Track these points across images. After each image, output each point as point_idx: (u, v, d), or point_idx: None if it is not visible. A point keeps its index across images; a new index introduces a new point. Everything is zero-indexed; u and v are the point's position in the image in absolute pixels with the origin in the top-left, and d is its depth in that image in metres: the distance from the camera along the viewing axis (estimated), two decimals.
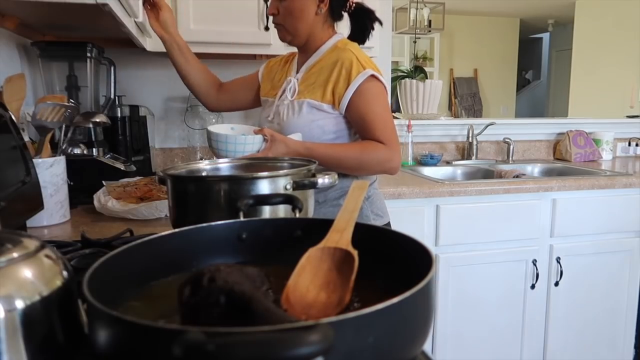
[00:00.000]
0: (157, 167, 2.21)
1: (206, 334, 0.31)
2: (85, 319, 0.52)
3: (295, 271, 0.52)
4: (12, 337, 0.41)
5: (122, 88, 2.03)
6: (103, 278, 0.48)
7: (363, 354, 0.37)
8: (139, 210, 1.32)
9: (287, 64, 1.50)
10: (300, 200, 0.75)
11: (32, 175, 1.15)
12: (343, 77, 1.29)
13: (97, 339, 0.39)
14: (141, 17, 1.48)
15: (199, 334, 0.31)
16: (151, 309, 0.52)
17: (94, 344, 0.40)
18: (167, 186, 0.92)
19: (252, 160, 1.12)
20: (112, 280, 0.51)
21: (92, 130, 1.73)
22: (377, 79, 1.31)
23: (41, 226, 1.28)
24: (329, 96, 1.31)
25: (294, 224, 0.66)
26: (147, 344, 0.36)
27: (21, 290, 0.43)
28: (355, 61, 1.29)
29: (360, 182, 0.68)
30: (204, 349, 0.29)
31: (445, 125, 2.71)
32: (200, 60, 2.26)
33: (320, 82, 1.33)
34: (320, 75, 1.34)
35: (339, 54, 1.32)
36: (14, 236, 0.48)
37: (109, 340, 0.38)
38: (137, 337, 0.36)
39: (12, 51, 1.65)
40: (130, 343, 0.37)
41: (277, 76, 1.50)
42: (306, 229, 0.64)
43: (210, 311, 0.43)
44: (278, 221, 0.70)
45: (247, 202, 0.78)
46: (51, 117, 1.29)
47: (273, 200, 0.82)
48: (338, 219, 0.59)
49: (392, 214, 1.52)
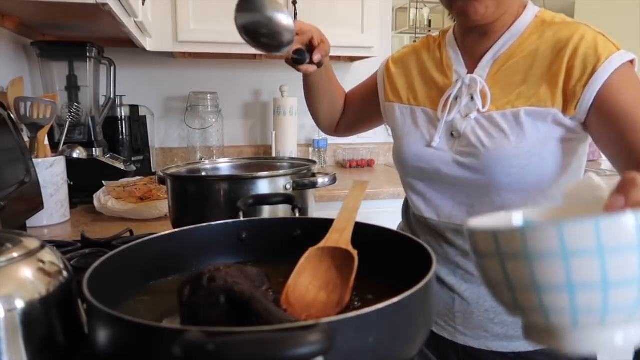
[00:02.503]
0: (157, 167, 2.21)
1: (206, 333, 0.31)
2: (85, 318, 0.52)
3: (295, 271, 0.52)
4: (12, 336, 0.41)
5: (122, 88, 2.03)
6: (103, 278, 0.48)
7: (363, 354, 0.37)
8: (139, 210, 1.32)
9: (429, 56, 0.97)
10: (299, 200, 0.75)
11: (32, 175, 1.15)
12: (580, 64, 0.78)
13: (98, 339, 0.39)
14: (141, 17, 1.48)
15: (198, 334, 0.31)
16: (152, 309, 0.52)
17: (94, 344, 0.40)
18: (167, 186, 0.92)
19: (252, 160, 1.12)
20: (112, 280, 0.51)
21: (92, 130, 1.73)
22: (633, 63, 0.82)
23: (41, 226, 1.28)
24: (559, 97, 0.80)
25: (293, 223, 0.67)
26: (147, 344, 0.36)
27: (21, 290, 0.43)
28: (602, 39, 0.80)
29: (360, 182, 0.68)
30: (204, 349, 0.29)
31: None
32: (200, 60, 2.27)
33: (536, 76, 0.82)
34: (532, 66, 0.83)
35: (558, 32, 0.82)
36: (14, 236, 0.48)
37: (109, 340, 0.38)
38: (137, 337, 0.37)
39: (12, 51, 1.65)
40: (130, 343, 0.37)
41: (417, 78, 0.97)
42: (306, 229, 0.64)
43: (210, 311, 0.43)
44: (278, 221, 0.71)
45: (247, 201, 0.78)
46: (36, 113, 1.28)
47: (272, 200, 0.82)
48: (338, 219, 0.59)
49: (392, 214, 1.52)
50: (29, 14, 1.44)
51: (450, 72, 0.91)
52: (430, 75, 0.95)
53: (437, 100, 0.91)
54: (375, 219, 0.61)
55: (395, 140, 0.99)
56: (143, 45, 1.76)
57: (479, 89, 0.85)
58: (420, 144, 0.91)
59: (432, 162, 0.88)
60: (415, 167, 0.92)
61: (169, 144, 2.31)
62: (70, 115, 1.68)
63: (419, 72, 0.98)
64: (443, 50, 0.95)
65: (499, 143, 0.81)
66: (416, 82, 0.97)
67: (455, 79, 0.89)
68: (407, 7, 5.11)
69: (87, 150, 1.65)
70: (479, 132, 0.84)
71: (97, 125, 1.77)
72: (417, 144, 0.91)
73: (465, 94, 0.87)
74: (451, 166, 0.86)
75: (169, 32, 1.87)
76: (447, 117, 0.88)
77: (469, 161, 0.84)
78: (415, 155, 0.91)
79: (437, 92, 0.92)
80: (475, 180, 0.84)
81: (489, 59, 0.87)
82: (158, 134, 2.28)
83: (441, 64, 0.94)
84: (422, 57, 0.98)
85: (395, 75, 1.01)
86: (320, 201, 1.70)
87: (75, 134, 1.70)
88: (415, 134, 0.93)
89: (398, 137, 0.96)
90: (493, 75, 0.86)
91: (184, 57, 2.20)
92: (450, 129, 0.88)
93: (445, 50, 0.94)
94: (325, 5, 2.00)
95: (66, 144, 1.54)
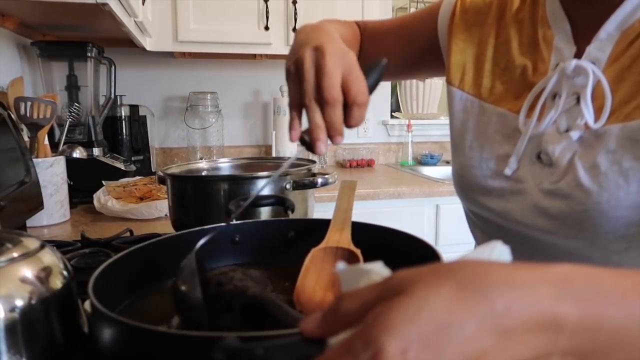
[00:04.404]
0: (157, 167, 2.21)
1: (241, 338, 0.30)
2: (85, 318, 0.52)
3: (301, 273, 0.52)
4: (11, 336, 0.41)
5: (122, 88, 2.03)
6: (101, 287, 0.48)
7: None
8: (139, 210, 1.32)
9: (516, 17, 0.60)
10: (291, 201, 0.74)
11: (32, 174, 1.15)
12: None
13: (115, 349, 0.39)
14: (141, 17, 1.48)
15: (235, 339, 0.30)
16: (149, 315, 0.52)
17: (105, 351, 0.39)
18: (167, 186, 0.92)
19: (252, 159, 1.12)
20: (110, 288, 0.50)
21: (92, 130, 1.73)
22: None
23: (41, 226, 1.28)
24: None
25: (287, 225, 0.66)
26: (184, 354, 0.35)
27: (21, 290, 0.43)
28: None
29: (349, 182, 0.66)
30: (253, 354, 0.28)
31: (446, 124, 2.70)
32: (200, 60, 2.27)
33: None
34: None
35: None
36: (14, 236, 0.48)
37: (136, 354, 0.38)
38: (175, 348, 0.36)
39: (12, 51, 1.65)
40: (159, 353, 0.36)
41: (492, 53, 0.61)
42: (299, 230, 0.64)
43: (220, 315, 0.43)
44: (271, 222, 0.70)
45: (239, 203, 0.77)
46: (36, 113, 1.28)
47: (264, 202, 0.81)
48: (334, 220, 0.58)
49: (392, 213, 1.52)
50: (29, 14, 1.44)
51: (548, 49, 0.55)
52: (513, 52, 0.58)
53: (520, 97, 0.57)
54: (375, 218, 0.61)
55: (451, 149, 0.65)
56: (143, 45, 1.76)
57: (590, 84, 0.50)
58: (485, 168, 0.58)
59: (500, 202, 0.56)
60: (474, 201, 0.60)
61: (169, 144, 2.31)
62: (70, 115, 1.68)
63: (497, 42, 0.60)
64: (539, 9, 0.57)
65: (617, 186, 0.47)
66: (490, 61, 0.61)
67: (554, 63, 0.54)
68: (407, 7, 5.11)
69: (87, 150, 1.65)
70: (586, 164, 0.49)
71: (97, 125, 1.77)
72: (480, 167, 0.59)
73: (566, 92, 0.52)
74: (531, 212, 0.54)
75: (169, 32, 1.87)
76: (535, 128, 0.54)
77: (562, 208, 0.50)
78: (476, 186, 0.59)
79: (522, 83, 0.57)
80: (566, 237, 0.51)
81: (612, 30, 0.50)
82: (158, 133, 2.28)
83: (533, 33, 0.57)
84: (505, 16, 0.60)
85: (461, 41, 0.63)
86: (320, 201, 1.70)
87: (75, 134, 1.70)
88: (479, 150, 0.59)
89: (453, 146, 0.64)
90: (616, 61, 0.50)
91: (184, 57, 2.20)
92: (536, 147, 0.54)
93: (543, 9, 0.56)
94: (325, 5, 2.00)
95: (66, 143, 1.54)
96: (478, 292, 0.25)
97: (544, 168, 0.53)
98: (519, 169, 0.55)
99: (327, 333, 0.27)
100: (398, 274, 0.27)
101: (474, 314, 0.24)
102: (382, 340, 0.23)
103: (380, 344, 0.23)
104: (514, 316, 0.25)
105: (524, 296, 0.25)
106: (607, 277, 0.28)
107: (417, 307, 0.24)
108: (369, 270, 0.31)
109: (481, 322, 0.24)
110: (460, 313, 0.24)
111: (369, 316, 0.25)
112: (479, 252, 0.32)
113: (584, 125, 0.50)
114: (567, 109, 0.52)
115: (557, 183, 0.51)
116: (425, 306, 0.24)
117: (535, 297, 0.26)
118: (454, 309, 0.24)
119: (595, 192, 0.47)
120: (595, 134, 0.49)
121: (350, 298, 0.27)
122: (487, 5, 0.62)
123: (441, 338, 0.24)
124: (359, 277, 0.31)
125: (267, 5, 1.90)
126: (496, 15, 0.61)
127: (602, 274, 0.28)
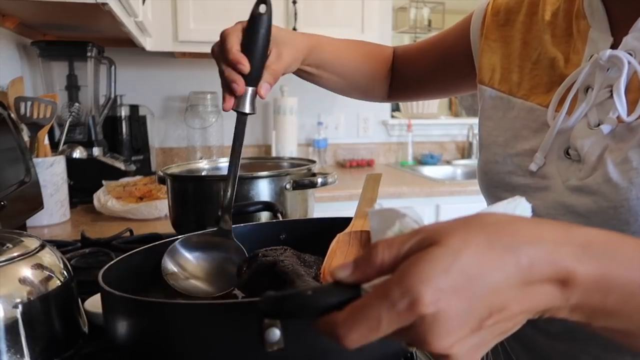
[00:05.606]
0: (157, 166, 2.21)
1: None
2: (85, 318, 0.52)
3: (327, 255, 0.54)
4: (12, 335, 0.41)
5: (122, 88, 2.03)
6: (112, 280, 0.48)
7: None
8: (139, 209, 1.32)
9: (553, 12, 0.58)
10: (279, 206, 0.74)
11: (32, 174, 1.15)
12: None
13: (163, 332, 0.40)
14: (141, 17, 1.48)
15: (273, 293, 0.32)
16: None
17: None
18: (167, 186, 0.92)
19: (252, 159, 1.12)
20: (116, 284, 0.51)
21: (92, 130, 1.73)
22: None
23: (41, 225, 1.28)
24: None
25: (279, 226, 0.67)
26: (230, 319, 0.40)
27: (21, 289, 0.43)
28: None
29: (375, 174, 0.67)
30: (305, 294, 0.30)
31: (446, 124, 2.71)
32: (200, 60, 2.27)
33: None
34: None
35: None
36: (14, 236, 0.48)
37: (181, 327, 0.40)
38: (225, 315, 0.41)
39: (12, 51, 1.65)
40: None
41: (520, 47, 0.61)
42: (291, 231, 0.65)
43: (256, 280, 0.53)
44: (263, 225, 0.70)
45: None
46: (36, 113, 1.28)
47: (251, 209, 0.81)
48: (359, 208, 0.60)
49: None
50: (29, 14, 1.44)
51: (583, 41, 0.53)
52: (546, 44, 0.57)
53: (551, 91, 0.54)
54: None
55: (479, 147, 0.64)
56: (143, 45, 1.76)
57: (624, 75, 0.47)
58: (509, 164, 0.57)
59: (528, 200, 0.50)
60: (497, 198, 0.57)
61: (169, 144, 2.31)
62: (70, 115, 1.68)
63: (528, 37, 0.59)
64: (575, 1, 0.55)
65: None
66: (521, 56, 0.60)
67: (588, 55, 0.52)
68: (407, 7, 5.11)
69: (87, 150, 1.65)
70: (617, 159, 0.47)
71: (97, 124, 1.77)
72: (505, 163, 0.57)
73: (599, 85, 0.50)
74: (556, 210, 0.52)
75: (169, 32, 1.87)
76: (564, 122, 0.52)
77: (589, 205, 0.49)
78: (500, 182, 0.58)
79: (553, 76, 0.55)
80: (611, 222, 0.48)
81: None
82: (158, 133, 2.28)
83: (567, 25, 0.55)
84: (538, 11, 0.59)
85: (492, 41, 0.63)
86: (320, 201, 1.70)
87: (75, 134, 1.70)
88: (504, 145, 0.58)
89: (480, 145, 0.64)
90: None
91: (184, 56, 2.20)
92: (565, 142, 0.52)
93: (580, 1, 0.55)
94: (325, 5, 2.00)
95: (66, 143, 1.54)
96: (505, 248, 0.28)
97: (571, 164, 0.51)
98: (545, 165, 0.53)
99: (361, 280, 0.30)
100: (430, 225, 0.31)
101: (501, 269, 0.28)
102: (418, 289, 0.26)
103: (416, 293, 0.26)
104: (536, 272, 0.29)
105: (546, 254, 0.29)
106: (627, 245, 0.31)
107: (450, 260, 0.27)
108: (404, 213, 0.34)
109: (506, 277, 0.28)
110: (488, 267, 0.28)
111: (405, 265, 0.28)
112: (503, 206, 0.35)
113: (617, 118, 0.48)
114: (599, 102, 0.50)
115: (584, 179, 0.49)
116: (457, 259, 0.27)
117: (557, 255, 0.29)
118: (483, 264, 0.28)
119: (625, 187, 0.46)
120: (628, 127, 0.47)
121: (384, 247, 0.30)
122: (518, 4, 0.62)
123: (470, 289, 0.27)
124: (393, 219, 0.34)
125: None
126: (528, 12, 0.61)
127: (622, 242, 0.32)
